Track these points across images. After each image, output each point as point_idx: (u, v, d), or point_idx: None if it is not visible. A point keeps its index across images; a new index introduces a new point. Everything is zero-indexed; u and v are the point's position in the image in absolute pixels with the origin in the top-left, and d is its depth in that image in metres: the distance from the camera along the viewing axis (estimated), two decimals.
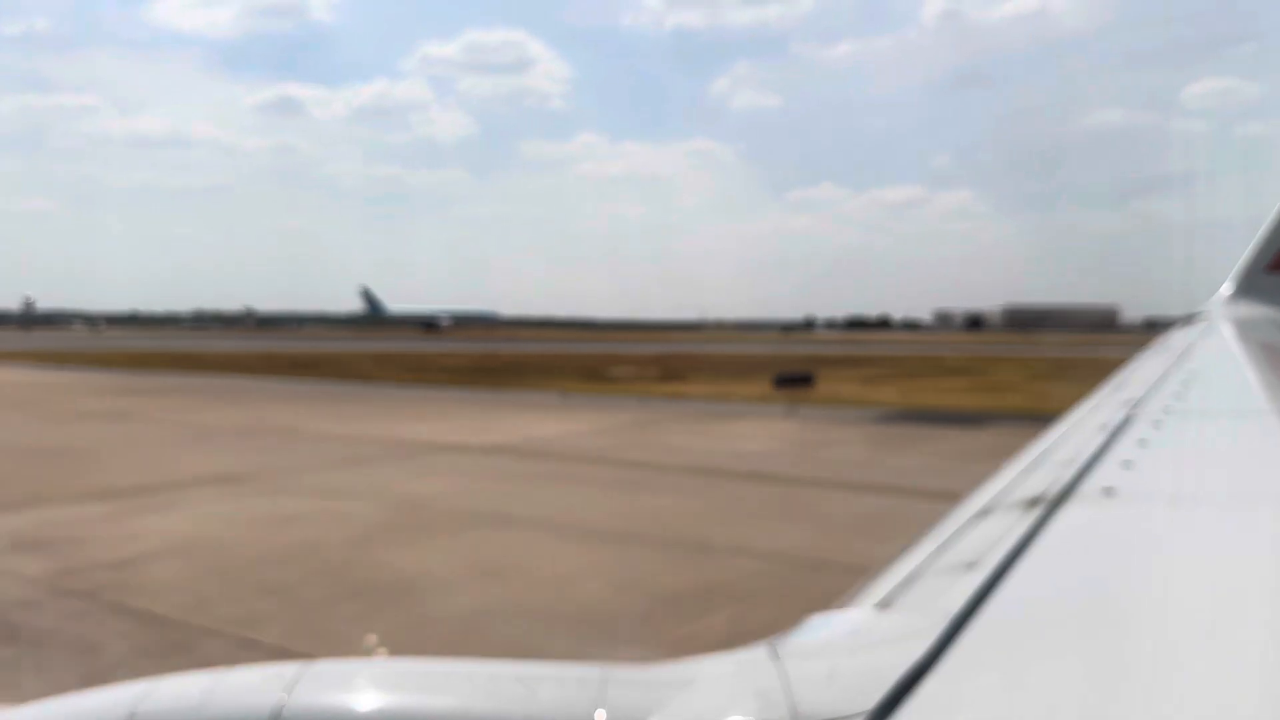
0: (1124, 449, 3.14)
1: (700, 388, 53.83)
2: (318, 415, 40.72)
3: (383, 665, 2.04)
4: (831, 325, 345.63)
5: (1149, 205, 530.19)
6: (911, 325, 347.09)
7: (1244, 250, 11.26)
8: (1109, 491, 2.78)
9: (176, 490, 22.49)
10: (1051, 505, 2.71)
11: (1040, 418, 5.16)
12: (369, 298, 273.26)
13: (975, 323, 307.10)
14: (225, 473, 25.03)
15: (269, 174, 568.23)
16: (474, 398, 50.18)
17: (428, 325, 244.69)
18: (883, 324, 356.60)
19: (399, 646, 2.51)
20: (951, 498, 3.09)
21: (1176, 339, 5.60)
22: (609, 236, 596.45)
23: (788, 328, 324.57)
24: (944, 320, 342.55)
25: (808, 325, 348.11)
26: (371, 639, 9.43)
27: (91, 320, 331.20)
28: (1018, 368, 74.10)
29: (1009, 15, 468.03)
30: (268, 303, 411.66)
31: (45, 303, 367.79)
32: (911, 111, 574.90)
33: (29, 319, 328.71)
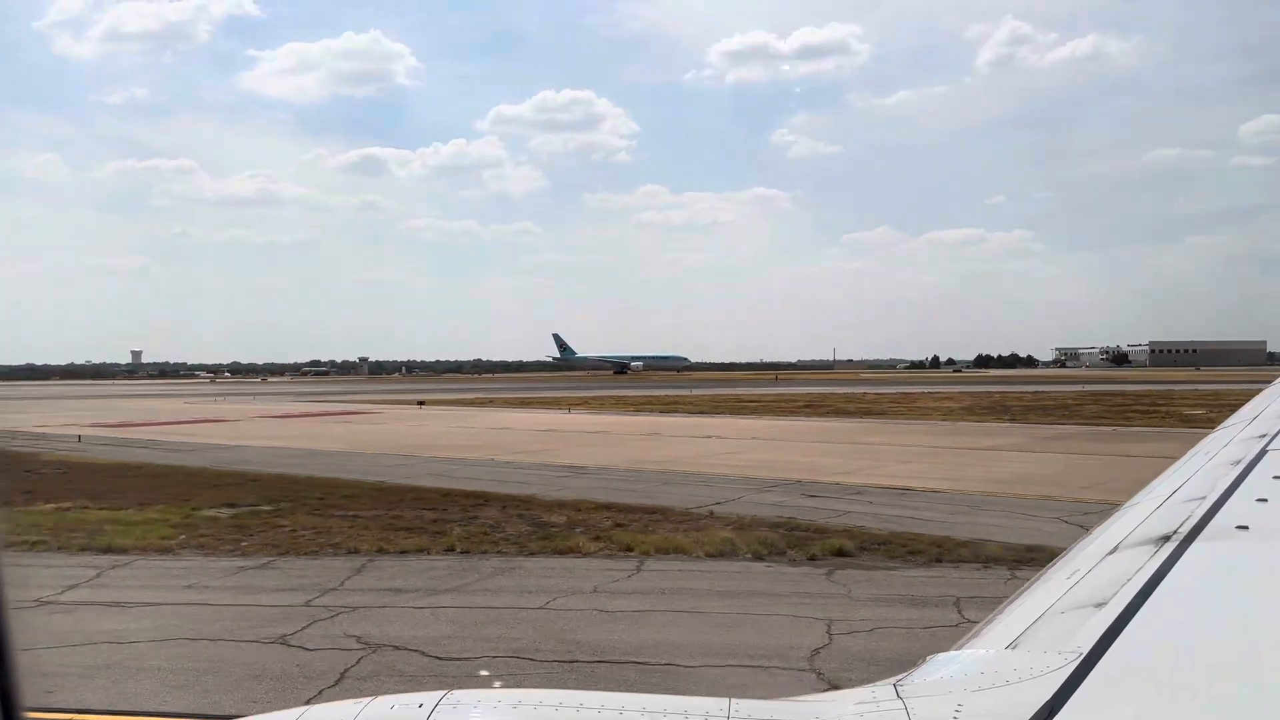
0: (1258, 484, 3.03)
1: None
2: None
3: (513, 695, 2.12)
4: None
5: (1211, 241, 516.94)
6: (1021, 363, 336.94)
7: None
8: (1244, 528, 2.68)
9: None
10: (1184, 542, 2.63)
11: None
12: (559, 342, 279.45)
13: (1121, 359, 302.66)
14: None
15: (353, 229, 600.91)
16: None
17: (619, 369, 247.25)
18: (1019, 362, 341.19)
19: None
20: None
21: None
22: (671, 281, 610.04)
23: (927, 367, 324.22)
24: (1071, 358, 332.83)
25: (936, 364, 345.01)
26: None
27: (215, 370, 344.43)
28: None
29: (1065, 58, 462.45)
30: (354, 351, 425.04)
31: (145, 355, 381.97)
32: (968, 155, 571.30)
33: (151, 370, 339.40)
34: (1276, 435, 3.54)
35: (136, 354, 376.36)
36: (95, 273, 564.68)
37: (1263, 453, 3.31)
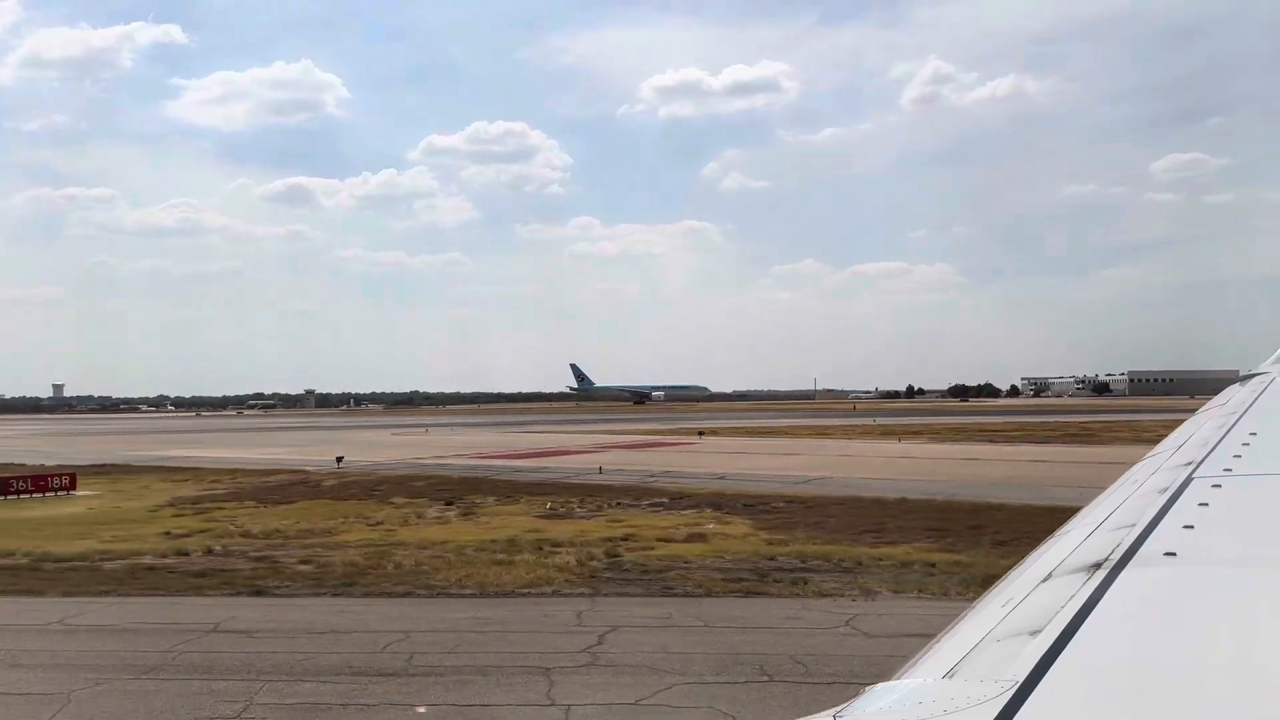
0: (1184, 512, 2.93)
1: None
2: None
3: None
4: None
5: (1127, 273, 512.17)
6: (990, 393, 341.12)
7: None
8: (1172, 554, 2.60)
9: None
10: (1114, 569, 2.62)
11: None
12: (577, 373, 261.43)
13: (1101, 389, 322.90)
14: None
15: (278, 259, 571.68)
16: None
17: (639, 399, 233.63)
18: (996, 392, 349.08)
19: None
20: None
21: (1233, 399, 4.43)
22: (604, 312, 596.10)
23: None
24: (1043, 388, 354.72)
25: (910, 392, 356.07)
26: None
27: (159, 403, 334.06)
28: None
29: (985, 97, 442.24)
30: (283, 385, 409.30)
31: (66, 389, 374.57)
32: (892, 190, 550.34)
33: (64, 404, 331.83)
34: (1201, 464, 3.24)
35: (58, 387, 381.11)
36: (6, 304, 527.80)
37: (1188, 481, 3.08)
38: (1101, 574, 2.63)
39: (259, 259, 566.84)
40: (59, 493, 45.65)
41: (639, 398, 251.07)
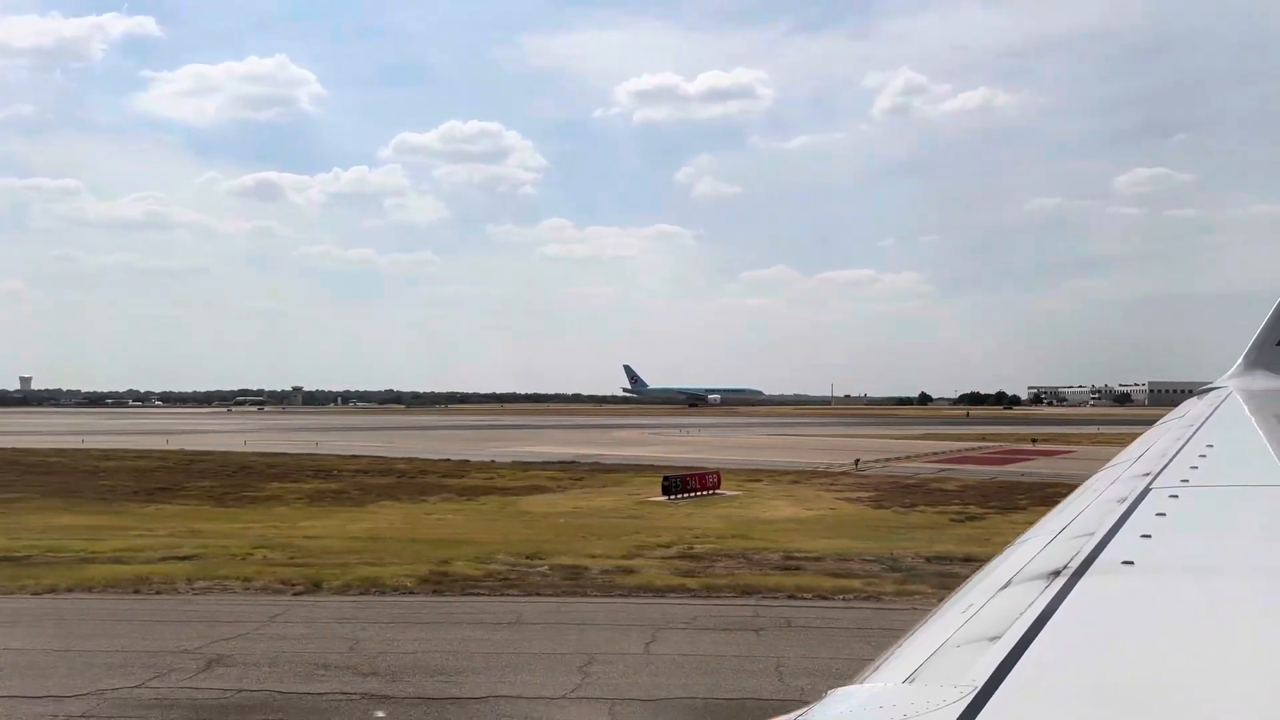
0: (1142, 521, 3.03)
1: None
2: None
3: None
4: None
5: (1087, 285, 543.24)
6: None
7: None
8: (1129, 563, 2.70)
9: None
10: (1073, 577, 2.69)
11: None
12: (630, 374, 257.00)
13: (1123, 399, 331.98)
14: None
15: (246, 256, 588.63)
16: None
17: (694, 401, 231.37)
18: (1009, 400, 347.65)
19: None
20: None
21: (1190, 411, 4.93)
22: (574, 314, 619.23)
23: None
24: (1055, 399, 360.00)
25: (924, 399, 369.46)
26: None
27: (145, 398, 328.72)
28: None
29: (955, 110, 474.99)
30: (252, 381, 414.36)
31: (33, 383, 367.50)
32: (862, 199, 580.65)
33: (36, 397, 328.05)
34: (1159, 474, 3.43)
35: (26, 380, 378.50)
36: None
37: (1146, 491, 3.23)
38: (1060, 581, 2.68)
39: (227, 254, 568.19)
40: (708, 491, 47.71)
41: (694, 400, 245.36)
